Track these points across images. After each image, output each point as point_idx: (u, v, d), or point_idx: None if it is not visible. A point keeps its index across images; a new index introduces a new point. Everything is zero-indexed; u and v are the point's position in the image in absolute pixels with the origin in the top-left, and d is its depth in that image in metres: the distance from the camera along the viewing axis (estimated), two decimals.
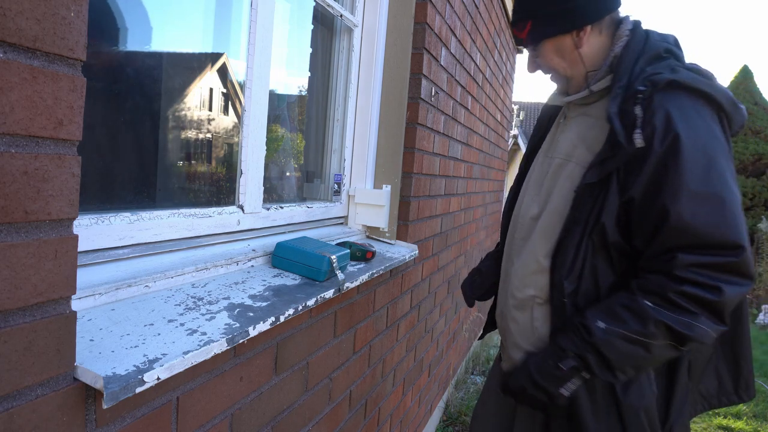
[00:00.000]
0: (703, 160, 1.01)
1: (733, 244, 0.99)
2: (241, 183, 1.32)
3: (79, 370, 0.66)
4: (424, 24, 1.93)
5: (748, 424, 3.67)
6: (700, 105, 1.06)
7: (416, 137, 1.96)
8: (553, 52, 1.22)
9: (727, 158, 1.05)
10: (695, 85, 1.06)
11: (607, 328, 1.06)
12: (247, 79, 1.30)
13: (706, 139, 1.03)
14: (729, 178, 1.02)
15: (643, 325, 1.03)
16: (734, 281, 1.00)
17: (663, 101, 1.04)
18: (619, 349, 1.05)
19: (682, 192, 1.00)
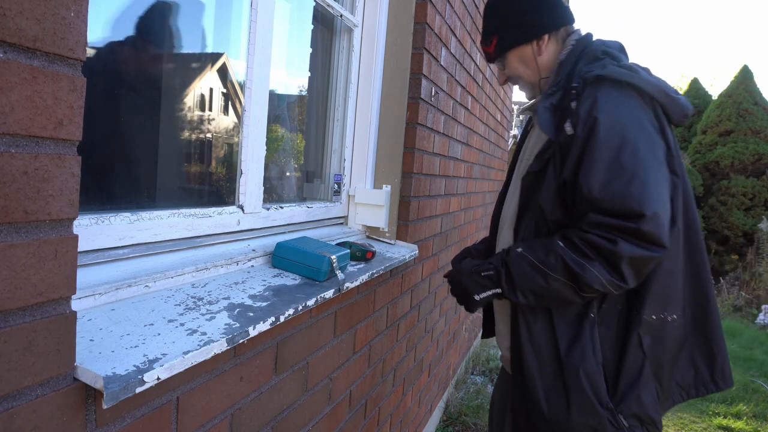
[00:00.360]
0: (617, 140, 1.13)
1: (635, 212, 1.10)
2: (241, 183, 1.32)
3: (79, 370, 0.66)
4: (424, 24, 1.93)
5: (748, 424, 3.66)
6: (627, 95, 1.18)
7: (416, 137, 1.96)
8: (518, 61, 1.39)
9: (647, 140, 1.15)
10: (621, 77, 1.17)
11: (521, 252, 1.24)
12: (247, 79, 1.30)
13: (624, 122, 1.15)
14: (646, 156, 1.13)
15: (546, 256, 1.19)
16: (633, 242, 1.11)
17: (591, 93, 1.17)
18: (523, 271, 1.22)
19: (594, 168, 1.14)
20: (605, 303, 1.25)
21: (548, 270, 1.19)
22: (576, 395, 1.22)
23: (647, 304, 1.24)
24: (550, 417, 1.25)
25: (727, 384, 1.33)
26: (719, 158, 12.15)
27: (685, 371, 1.33)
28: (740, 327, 7.34)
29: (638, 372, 1.25)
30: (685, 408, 3.98)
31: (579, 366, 1.22)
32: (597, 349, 1.23)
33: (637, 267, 1.14)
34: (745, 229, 11.69)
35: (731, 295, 9.52)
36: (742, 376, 4.79)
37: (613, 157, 1.13)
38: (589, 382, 1.22)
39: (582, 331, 1.24)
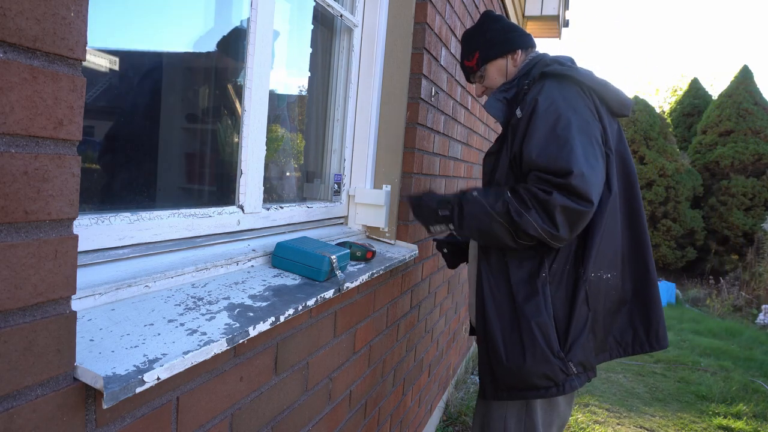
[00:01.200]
0: (553, 116, 1.37)
1: (565, 170, 1.31)
2: (241, 183, 1.32)
3: (79, 370, 0.66)
4: (424, 24, 1.93)
5: (748, 424, 3.66)
6: (566, 85, 1.43)
7: (416, 137, 1.96)
8: (496, 71, 1.68)
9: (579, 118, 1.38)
10: (561, 72, 1.44)
11: (475, 196, 1.45)
12: (247, 79, 1.30)
13: (559, 103, 1.39)
14: (576, 130, 1.35)
15: (494, 201, 1.40)
16: (564, 195, 1.31)
17: (536, 86, 1.45)
18: (473, 212, 1.44)
19: (533, 138, 1.38)
20: (555, 263, 1.45)
21: (493, 213, 1.39)
22: (530, 345, 1.42)
23: (590, 263, 1.44)
24: (508, 364, 1.45)
25: (661, 345, 1.55)
26: (719, 158, 12.16)
27: (625, 330, 1.56)
28: (740, 327, 7.34)
29: (583, 324, 1.45)
30: (685, 408, 3.98)
31: (531, 319, 1.41)
32: (548, 305, 1.43)
33: (569, 218, 1.33)
34: (745, 229, 11.69)
35: (731, 295, 9.52)
36: (742, 376, 4.79)
37: (549, 129, 1.36)
38: (541, 333, 1.41)
39: (535, 289, 1.44)
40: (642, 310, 1.54)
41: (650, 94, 24.18)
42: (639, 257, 1.54)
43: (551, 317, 1.43)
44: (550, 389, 1.45)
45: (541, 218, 1.33)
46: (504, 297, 1.48)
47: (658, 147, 11.97)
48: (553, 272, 1.45)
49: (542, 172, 1.35)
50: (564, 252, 1.45)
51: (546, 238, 1.35)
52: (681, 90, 18.60)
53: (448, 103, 2.43)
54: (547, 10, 5.03)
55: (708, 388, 4.37)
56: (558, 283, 1.45)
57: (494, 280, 1.50)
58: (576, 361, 1.44)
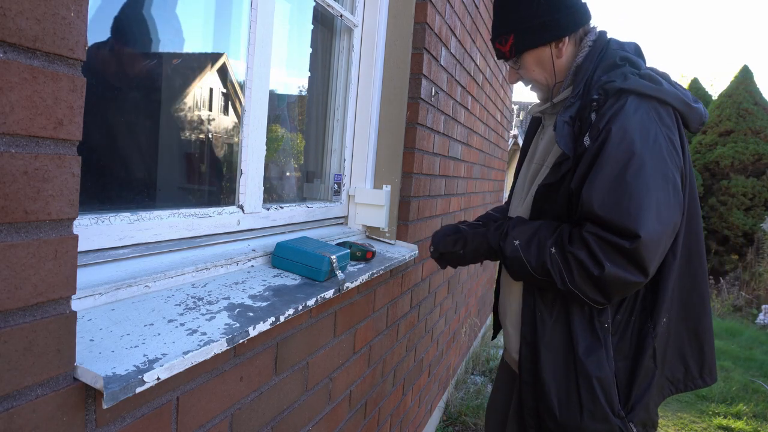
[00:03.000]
0: (624, 156, 1.11)
1: (629, 232, 1.09)
2: (241, 183, 1.32)
3: (79, 370, 0.66)
4: (424, 24, 1.93)
5: (748, 424, 3.66)
6: (649, 107, 1.15)
7: (416, 137, 1.96)
8: (535, 63, 1.33)
9: (657, 157, 1.13)
10: (643, 90, 1.15)
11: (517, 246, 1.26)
12: (247, 79, 1.30)
13: (635, 137, 1.12)
14: (650, 174, 1.11)
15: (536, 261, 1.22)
16: (621, 264, 1.12)
17: (612, 107, 1.15)
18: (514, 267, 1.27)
19: (597, 181, 1.13)
20: (618, 314, 1.26)
21: (535, 275, 1.23)
22: (589, 402, 1.24)
23: (660, 314, 1.25)
24: (561, 421, 1.27)
25: (713, 380, 1.38)
26: (719, 158, 12.15)
27: (676, 367, 1.36)
28: (740, 327, 7.34)
29: (649, 382, 1.27)
30: (685, 408, 3.98)
31: (593, 374, 1.23)
32: (611, 358, 1.25)
33: (621, 289, 1.16)
34: (745, 229, 11.69)
35: (731, 295, 9.52)
36: (742, 376, 4.79)
37: (617, 173, 1.11)
38: (602, 390, 1.23)
39: (598, 339, 1.25)
40: (695, 344, 1.35)
41: None
42: (696, 290, 1.33)
43: (613, 373, 1.25)
44: None
45: (591, 291, 1.16)
46: (562, 343, 1.28)
47: None
48: (617, 323, 1.26)
49: (603, 228, 1.13)
50: (630, 300, 1.26)
51: (592, 304, 1.20)
52: None
53: (448, 103, 2.43)
54: None
55: (708, 388, 4.36)
56: (621, 335, 1.26)
57: (550, 320, 1.29)
58: (638, 420, 1.28)
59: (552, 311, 1.29)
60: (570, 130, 1.20)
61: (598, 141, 1.14)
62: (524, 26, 1.30)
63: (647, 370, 1.27)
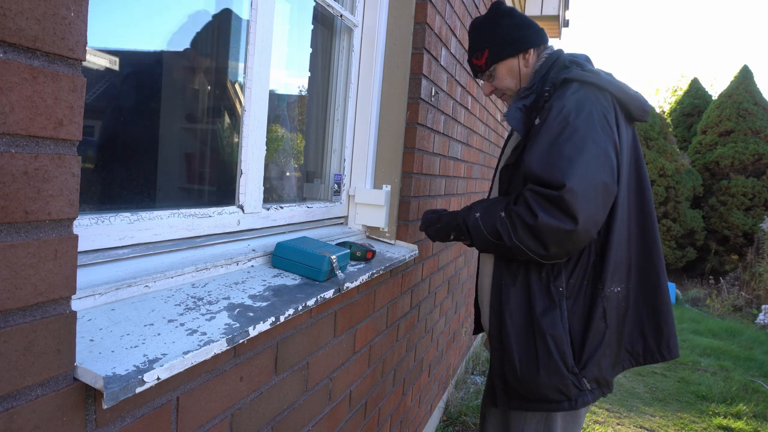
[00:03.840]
0: (561, 123, 1.31)
1: (558, 182, 1.26)
2: (241, 183, 1.32)
3: (79, 370, 0.66)
4: (424, 24, 1.93)
5: (748, 424, 3.66)
6: (587, 91, 1.36)
7: (416, 137, 1.96)
8: (506, 72, 1.59)
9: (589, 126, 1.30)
10: (583, 78, 1.37)
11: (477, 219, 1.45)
12: (247, 79, 1.30)
13: (570, 109, 1.32)
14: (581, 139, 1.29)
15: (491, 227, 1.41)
16: (552, 212, 1.27)
17: (558, 94, 1.38)
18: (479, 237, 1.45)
19: (534, 149, 1.33)
20: (572, 278, 1.42)
21: (492, 239, 1.41)
22: (545, 358, 1.40)
23: (608, 278, 1.41)
24: (522, 377, 1.43)
25: (672, 355, 1.51)
26: (719, 158, 12.15)
27: (636, 340, 1.51)
28: (740, 327, 7.34)
29: (600, 340, 1.43)
30: (685, 408, 3.98)
31: (548, 331, 1.39)
32: (564, 319, 1.41)
33: (557, 239, 1.29)
34: (745, 229, 11.69)
35: (731, 295, 9.52)
36: (742, 376, 4.79)
37: (553, 137, 1.31)
38: (556, 346, 1.39)
39: (553, 302, 1.41)
40: (652, 320, 1.49)
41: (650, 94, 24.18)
42: (650, 266, 1.49)
43: (567, 332, 1.40)
44: (561, 403, 1.43)
45: (532, 241, 1.32)
46: (522, 307, 1.45)
47: (658, 147, 11.96)
48: (570, 287, 1.42)
49: (536, 183, 1.31)
50: (582, 266, 1.42)
51: (538, 258, 1.34)
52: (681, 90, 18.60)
53: (448, 103, 2.43)
54: (547, 10, 5.04)
55: (708, 388, 4.37)
56: (575, 298, 1.42)
57: (513, 288, 1.47)
58: (590, 377, 1.43)
59: (515, 280, 1.46)
60: (522, 116, 1.43)
61: (542, 118, 1.36)
62: (497, 41, 1.57)
63: (598, 329, 1.42)
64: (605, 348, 1.43)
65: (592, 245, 1.41)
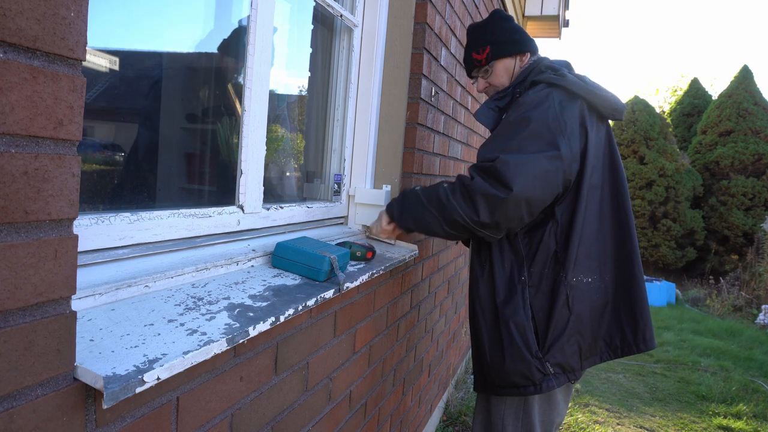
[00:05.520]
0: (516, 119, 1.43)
1: (491, 157, 1.41)
2: (241, 183, 1.32)
3: (79, 370, 0.66)
4: (424, 24, 1.93)
5: (748, 424, 3.66)
6: (556, 93, 1.45)
7: (416, 137, 1.96)
8: (503, 70, 1.68)
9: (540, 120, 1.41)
10: (549, 80, 1.48)
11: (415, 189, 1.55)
12: (247, 79, 1.30)
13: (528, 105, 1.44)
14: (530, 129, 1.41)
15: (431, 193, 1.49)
16: (486, 179, 1.39)
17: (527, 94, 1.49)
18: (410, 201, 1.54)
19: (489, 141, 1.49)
20: (533, 267, 1.50)
21: (426, 203, 1.48)
22: (509, 344, 1.48)
23: (570, 267, 1.47)
24: (490, 363, 1.53)
25: (648, 347, 1.56)
26: (719, 158, 12.15)
27: (614, 332, 1.57)
28: (740, 327, 7.34)
29: (563, 326, 1.49)
30: (685, 408, 3.98)
31: (510, 318, 1.47)
32: (527, 306, 1.49)
33: (489, 203, 1.38)
34: (745, 229, 11.69)
35: (731, 295, 9.51)
36: (742, 376, 4.79)
37: (505, 131, 1.44)
38: (519, 333, 1.47)
39: (515, 291, 1.50)
40: (629, 313, 1.55)
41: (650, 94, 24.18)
42: (626, 260, 1.55)
43: (530, 319, 1.48)
44: (528, 388, 1.50)
45: (465, 203, 1.40)
46: (488, 297, 1.55)
47: (658, 147, 11.96)
48: (532, 275, 1.50)
49: (482, 161, 1.44)
50: (542, 255, 1.49)
51: (470, 224, 1.41)
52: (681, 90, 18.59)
53: (448, 103, 2.43)
54: (547, 10, 5.03)
55: (708, 388, 4.37)
56: (538, 286, 1.50)
57: (482, 280, 1.57)
58: (554, 362, 1.49)
59: (483, 270, 1.57)
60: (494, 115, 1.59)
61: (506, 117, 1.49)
62: (498, 40, 1.67)
63: (561, 315, 1.48)
64: (570, 335, 1.50)
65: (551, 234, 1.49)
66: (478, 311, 1.57)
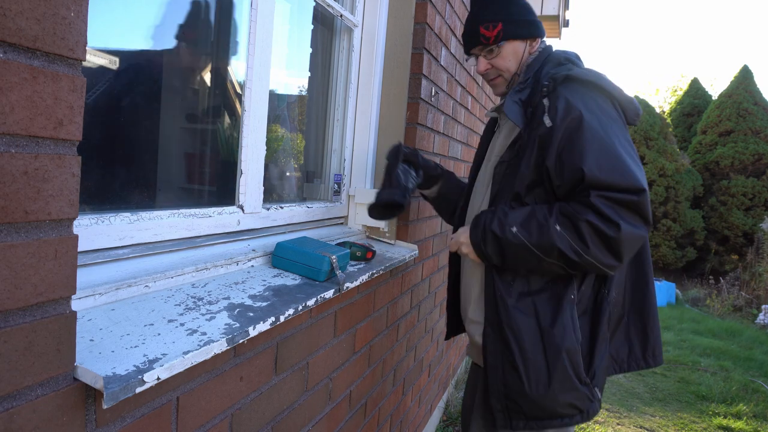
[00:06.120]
0: (600, 128, 1.24)
1: (634, 187, 1.20)
2: (241, 183, 1.32)
3: (79, 370, 0.66)
4: (424, 24, 1.93)
5: (748, 424, 3.66)
6: (592, 92, 1.31)
7: (416, 137, 1.96)
8: (512, 53, 1.48)
9: (620, 127, 1.29)
10: (586, 77, 1.31)
11: (517, 232, 1.29)
12: (247, 79, 1.30)
13: (599, 113, 1.27)
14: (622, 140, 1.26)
15: (540, 238, 1.26)
16: (632, 222, 1.21)
17: (562, 91, 1.30)
18: (516, 252, 1.30)
19: (587, 153, 1.22)
20: (584, 285, 1.34)
21: (543, 255, 1.26)
22: (557, 374, 1.30)
23: (613, 283, 1.36)
24: (531, 394, 1.32)
25: (657, 362, 1.47)
26: (719, 158, 12.15)
27: (621, 346, 1.47)
28: (740, 327, 7.34)
29: (605, 347, 1.38)
30: (685, 408, 3.98)
31: (561, 345, 1.30)
32: (576, 328, 1.32)
33: (634, 247, 1.24)
34: (745, 229, 11.69)
35: (731, 295, 9.52)
36: (742, 376, 4.79)
37: (600, 143, 1.23)
38: (570, 360, 1.30)
39: (563, 311, 1.31)
40: (639, 326, 1.45)
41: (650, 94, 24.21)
42: (640, 271, 1.45)
43: (579, 342, 1.32)
44: (574, 417, 1.35)
45: (605, 254, 1.22)
46: (526, 321, 1.32)
47: (658, 147, 11.96)
48: (581, 294, 1.34)
49: (609, 189, 1.20)
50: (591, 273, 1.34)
51: (607, 271, 1.26)
52: (681, 90, 18.60)
53: (448, 103, 2.43)
54: (547, 10, 5.03)
55: (708, 388, 4.37)
56: (584, 305, 1.35)
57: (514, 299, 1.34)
58: (600, 385, 1.37)
59: (509, 290, 1.35)
60: (519, 109, 1.36)
61: (565, 121, 1.26)
62: (513, 18, 1.46)
63: (603, 335, 1.36)
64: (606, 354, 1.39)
65: None
66: (508, 333, 1.33)
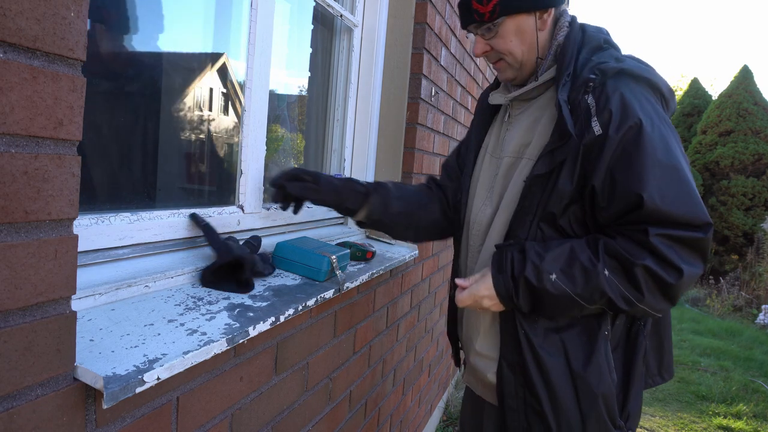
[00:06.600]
0: (661, 145, 1.03)
1: (701, 221, 1.02)
2: (241, 183, 1.32)
3: (79, 370, 0.66)
4: (424, 24, 1.93)
5: (748, 424, 3.66)
6: (646, 91, 1.10)
7: (416, 137, 1.96)
8: (514, 32, 1.16)
9: (676, 137, 1.08)
10: (641, 73, 1.09)
11: (556, 281, 1.06)
12: (247, 79, 1.30)
13: (658, 121, 1.05)
14: (682, 159, 1.05)
15: (585, 287, 1.05)
16: (693, 263, 1.03)
17: (616, 89, 1.06)
18: (556, 302, 1.08)
19: (648, 177, 1.01)
20: (618, 319, 1.17)
21: (586, 304, 1.07)
22: (591, 420, 1.14)
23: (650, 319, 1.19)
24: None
25: (670, 376, 1.32)
26: (719, 158, 12.15)
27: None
28: (740, 327, 7.34)
29: (641, 385, 1.22)
30: (685, 408, 3.98)
31: (597, 391, 1.12)
32: (612, 369, 1.14)
33: (686, 290, 1.08)
34: (745, 229, 11.69)
35: (731, 295, 9.51)
36: (742, 376, 4.79)
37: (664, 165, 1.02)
38: (605, 405, 1.14)
39: (597, 351, 1.13)
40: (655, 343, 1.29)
41: None
42: None
43: (615, 384, 1.15)
44: None
45: (659, 301, 1.05)
46: (554, 359, 1.13)
47: None
48: (615, 328, 1.17)
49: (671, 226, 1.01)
50: None
51: (655, 315, 1.09)
52: (681, 90, 18.62)
53: (448, 103, 2.43)
54: None
55: (708, 388, 4.37)
56: (617, 339, 1.18)
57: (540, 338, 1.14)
58: (634, 426, 1.21)
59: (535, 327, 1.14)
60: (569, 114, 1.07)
61: (621, 131, 1.02)
62: None
63: (639, 372, 1.19)
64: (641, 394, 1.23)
65: None
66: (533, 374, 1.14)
